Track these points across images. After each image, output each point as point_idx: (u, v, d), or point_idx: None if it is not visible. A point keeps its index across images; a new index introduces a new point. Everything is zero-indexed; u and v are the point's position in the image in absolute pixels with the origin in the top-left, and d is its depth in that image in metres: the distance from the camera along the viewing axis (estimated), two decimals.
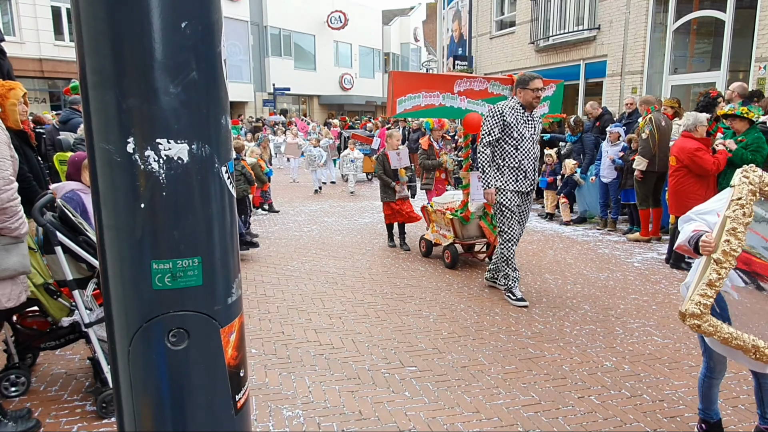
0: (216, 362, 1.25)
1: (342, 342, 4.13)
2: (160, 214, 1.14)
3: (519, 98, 4.93)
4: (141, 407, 1.20)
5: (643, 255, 6.80)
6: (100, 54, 1.09)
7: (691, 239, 2.33)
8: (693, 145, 5.75)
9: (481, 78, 6.16)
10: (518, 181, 4.95)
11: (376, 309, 4.86)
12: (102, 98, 1.11)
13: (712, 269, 2.20)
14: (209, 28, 1.16)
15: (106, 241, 1.18)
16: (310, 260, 6.60)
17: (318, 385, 3.45)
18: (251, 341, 4.12)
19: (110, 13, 1.06)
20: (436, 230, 6.64)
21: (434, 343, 4.10)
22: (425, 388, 3.42)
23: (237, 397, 1.29)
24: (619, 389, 3.41)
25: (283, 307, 4.92)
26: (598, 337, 4.23)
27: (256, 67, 29.57)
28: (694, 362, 3.78)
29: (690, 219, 2.47)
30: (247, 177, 7.51)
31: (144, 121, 1.10)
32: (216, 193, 1.21)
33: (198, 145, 1.16)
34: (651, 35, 11.74)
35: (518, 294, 5.02)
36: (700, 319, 2.20)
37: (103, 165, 1.14)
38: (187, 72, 1.12)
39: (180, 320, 1.19)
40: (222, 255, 1.25)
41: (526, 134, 4.91)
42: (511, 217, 5.00)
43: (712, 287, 2.20)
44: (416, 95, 5.64)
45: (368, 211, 10.28)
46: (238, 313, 1.32)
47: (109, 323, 1.21)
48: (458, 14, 19.92)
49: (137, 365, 1.18)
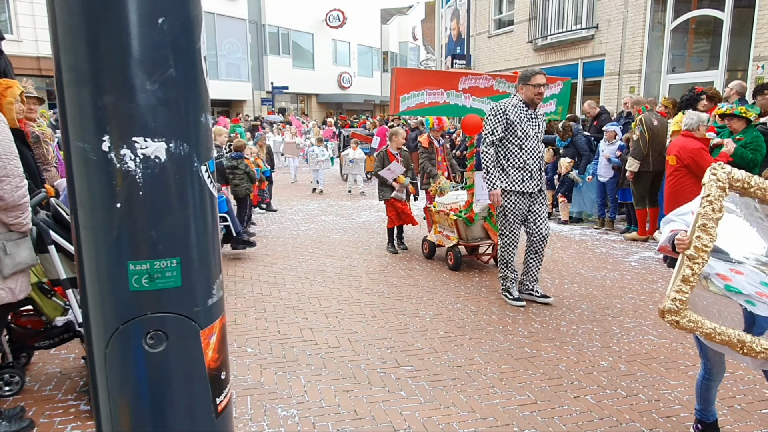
0: (195, 365, 1.22)
1: (338, 341, 4.11)
2: (137, 214, 1.12)
3: (521, 95, 4.80)
4: (119, 410, 1.18)
5: (641, 254, 6.79)
6: (75, 51, 1.06)
7: (669, 239, 2.39)
8: (696, 145, 5.73)
9: (486, 75, 5.96)
10: (524, 182, 4.79)
11: (372, 308, 4.84)
12: (77, 96, 1.08)
13: (685, 265, 2.24)
14: (188, 24, 1.13)
15: (82, 241, 1.15)
16: (307, 259, 6.59)
17: (313, 384, 3.44)
18: (247, 340, 4.11)
19: (85, 8, 1.04)
20: (439, 231, 6.50)
21: (430, 343, 4.09)
22: (421, 387, 3.40)
23: (218, 400, 1.27)
24: (615, 389, 3.40)
25: (280, 306, 4.90)
26: (595, 336, 4.22)
27: (255, 66, 29.53)
28: (690, 362, 3.77)
29: (669, 220, 2.52)
30: (250, 176, 7.50)
31: (120, 118, 1.08)
32: (195, 192, 1.19)
33: (176, 144, 1.13)
34: (649, 34, 11.73)
35: (515, 293, 4.98)
36: (678, 315, 2.23)
37: (78, 164, 1.12)
38: (165, 69, 1.09)
39: (158, 322, 1.17)
40: (201, 255, 1.22)
41: (531, 133, 4.75)
42: (514, 221, 4.87)
43: (686, 283, 2.23)
44: (420, 92, 5.50)
45: (366, 209, 10.26)
46: (219, 314, 1.30)
47: (86, 325, 1.19)
48: (456, 13, 19.90)
49: (114, 367, 1.16)
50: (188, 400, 1.22)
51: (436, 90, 5.59)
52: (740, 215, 2.38)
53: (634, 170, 7.06)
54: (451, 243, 6.15)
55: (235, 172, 7.41)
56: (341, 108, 34.92)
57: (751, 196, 2.32)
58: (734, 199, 2.37)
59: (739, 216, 2.37)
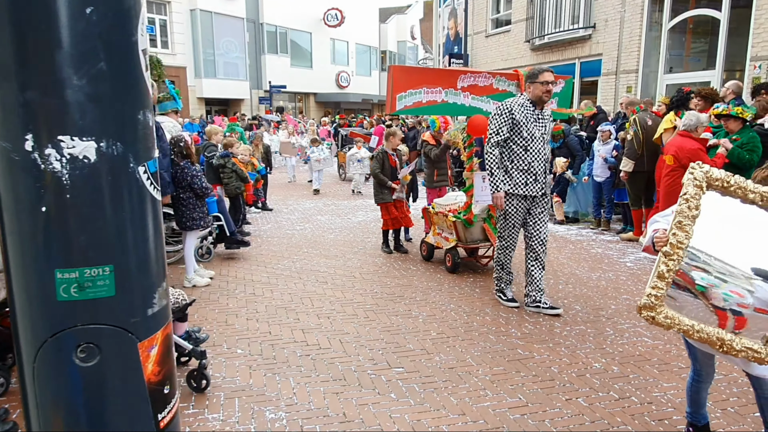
0: (133, 379, 1.15)
1: (329, 342, 4.08)
2: (65, 219, 1.05)
3: (528, 94, 4.61)
4: (53, 427, 1.11)
5: (636, 255, 6.76)
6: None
7: (650, 239, 2.42)
8: (694, 145, 5.70)
9: (485, 73, 5.76)
10: (528, 185, 4.62)
11: (365, 309, 4.81)
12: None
13: (661, 261, 2.26)
14: (122, 14, 1.05)
15: (8, 247, 1.08)
16: (301, 259, 6.55)
17: (303, 386, 3.40)
18: (237, 341, 4.07)
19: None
20: (438, 233, 6.35)
21: (422, 344, 4.05)
22: (411, 389, 3.37)
23: (160, 416, 1.20)
24: (607, 391, 3.37)
25: (272, 306, 4.86)
26: (588, 338, 4.19)
27: (252, 65, 29.45)
28: (683, 364, 3.74)
29: (654, 221, 2.54)
30: (239, 174, 7.44)
31: (45, 115, 1.01)
32: (131, 195, 1.12)
33: (108, 143, 1.06)
34: (646, 34, 11.71)
35: (509, 294, 4.94)
36: (654, 311, 2.25)
37: (1, 165, 1.04)
38: (94, 62, 1.02)
39: (90, 334, 1.09)
40: (140, 263, 1.15)
41: (537, 134, 4.57)
42: (514, 224, 4.74)
43: (662, 279, 2.25)
44: (417, 91, 5.34)
45: (362, 209, 10.23)
46: (161, 325, 1.22)
47: (15, 336, 1.11)
48: (454, 12, 19.85)
49: (45, 382, 1.08)
50: (126, 417, 1.14)
51: (434, 88, 5.43)
52: (743, 223, 2.30)
53: (629, 170, 7.03)
54: (450, 245, 6.04)
55: (224, 170, 7.34)
56: (339, 107, 34.85)
57: (732, 195, 2.30)
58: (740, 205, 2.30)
59: (740, 223, 2.31)
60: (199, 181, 5.33)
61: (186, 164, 5.30)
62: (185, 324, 3.23)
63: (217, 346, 3.97)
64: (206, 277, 5.57)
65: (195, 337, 3.27)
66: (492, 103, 5.50)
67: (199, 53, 26.13)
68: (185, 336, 3.23)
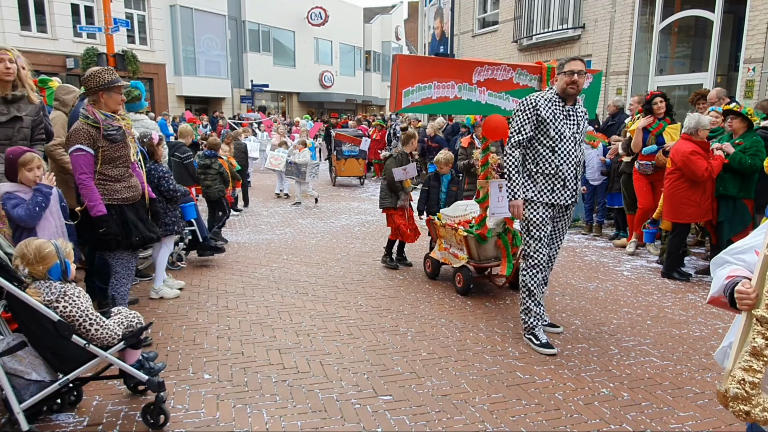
0: None
1: (308, 365, 3.66)
2: None
3: (556, 87, 3.97)
4: None
5: (632, 263, 6.46)
6: None
7: (726, 288, 1.71)
8: (688, 147, 5.43)
9: (505, 65, 4.90)
10: (554, 192, 3.93)
11: (348, 324, 4.40)
12: None
13: (755, 332, 1.56)
14: None
15: None
16: (280, 267, 6.12)
17: (277, 420, 2.98)
18: (205, 364, 3.63)
19: None
20: (445, 248, 5.59)
21: (412, 366, 3.66)
22: (401, 422, 2.97)
23: None
24: (620, 423, 3.00)
25: (246, 321, 4.43)
26: (592, 357, 3.84)
27: (234, 63, 28.82)
28: (698, 389, 3.40)
29: (724, 261, 1.83)
30: (223, 176, 6.97)
31: None
32: None
33: None
34: (637, 35, 11.48)
35: (543, 338, 3.99)
36: (749, 404, 1.55)
37: None
38: None
39: None
40: None
41: (567, 133, 3.89)
42: (540, 237, 3.97)
43: (759, 358, 1.55)
44: (426, 85, 4.53)
45: (345, 212, 9.82)
46: None
47: None
48: (440, 11, 19.55)
49: None
50: None
51: (447, 82, 4.64)
52: None
53: (622, 154, 7.07)
54: (460, 263, 5.24)
55: (207, 172, 6.86)
56: (323, 107, 34.36)
57: None
58: None
59: None
60: (166, 183, 4.88)
61: (153, 165, 4.84)
62: (138, 351, 2.80)
63: (182, 370, 3.53)
64: (175, 288, 5.11)
65: (149, 366, 2.83)
66: (512, 101, 4.84)
67: (178, 50, 25.43)
68: (137, 365, 2.79)
